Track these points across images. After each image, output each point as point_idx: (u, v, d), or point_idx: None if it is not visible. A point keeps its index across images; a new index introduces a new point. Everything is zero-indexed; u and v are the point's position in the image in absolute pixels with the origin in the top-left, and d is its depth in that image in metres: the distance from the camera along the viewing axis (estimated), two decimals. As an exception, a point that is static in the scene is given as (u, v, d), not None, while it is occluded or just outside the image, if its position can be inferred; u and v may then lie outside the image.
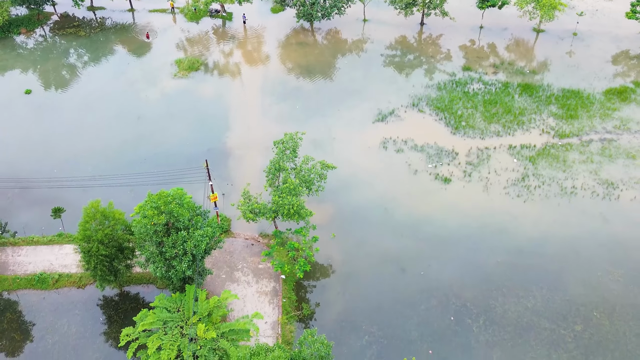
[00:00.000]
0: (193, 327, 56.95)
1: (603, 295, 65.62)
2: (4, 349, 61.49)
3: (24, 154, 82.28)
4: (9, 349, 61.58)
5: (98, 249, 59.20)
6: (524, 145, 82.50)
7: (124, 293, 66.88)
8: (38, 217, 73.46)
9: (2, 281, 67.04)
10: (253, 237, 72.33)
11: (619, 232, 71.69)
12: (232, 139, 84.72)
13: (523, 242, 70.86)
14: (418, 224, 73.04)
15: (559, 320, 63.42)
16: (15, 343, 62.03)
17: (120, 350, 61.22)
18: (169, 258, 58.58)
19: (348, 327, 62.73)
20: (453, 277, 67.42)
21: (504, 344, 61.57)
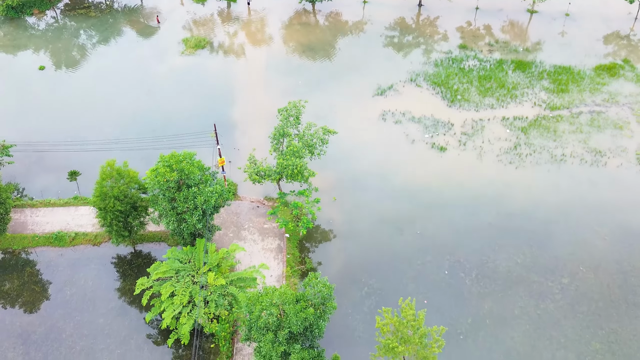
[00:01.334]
0: (203, 276, 60.95)
1: (589, 252, 69.59)
2: (25, 301, 65.49)
3: (39, 123, 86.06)
4: (30, 299, 65.60)
5: (114, 205, 63.12)
6: (517, 117, 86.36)
7: (137, 251, 70.86)
8: (54, 181, 77.41)
9: (22, 239, 71.03)
10: (258, 200, 76.28)
11: (606, 196, 75.64)
12: (238, 111, 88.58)
13: (514, 205, 74.80)
14: (415, 189, 76.94)
15: (547, 274, 67.42)
16: (36, 295, 66.07)
17: (134, 301, 65.24)
18: (181, 212, 62.62)
19: (348, 280, 66.69)
20: (448, 237, 71.38)
21: (494, 294, 65.59)
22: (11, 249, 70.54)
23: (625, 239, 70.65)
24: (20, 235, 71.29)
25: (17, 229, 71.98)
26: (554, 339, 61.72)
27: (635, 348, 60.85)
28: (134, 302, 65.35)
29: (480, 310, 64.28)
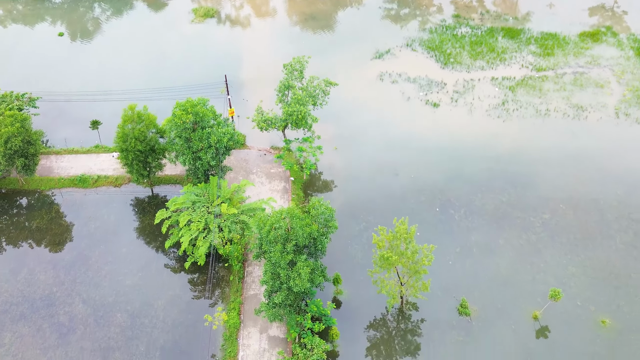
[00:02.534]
0: (217, 207, 67.34)
1: (569, 193, 75.98)
2: (54, 233, 71.91)
3: (61, 79, 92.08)
4: (58, 232, 72.02)
5: (135, 145, 69.50)
6: (505, 77, 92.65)
7: (154, 193, 77.20)
8: (77, 132, 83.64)
9: (49, 181, 77.44)
10: (265, 149, 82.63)
11: (586, 145, 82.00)
12: (245, 72, 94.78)
13: (501, 152, 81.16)
14: (410, 140, 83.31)
15: (530, 210, 73.85)
16: (63, 228, 72.52)
17: (154, 233, 71.66)
18: (196, 151, 69.04)
19: (348, 216, 73.02)
20: (439, 180, 77.78)
21: (481, 228, 72.02)
22: (39, 189, 76.96)
23: (603, 182, 77.00)
24: (47, 178, 77.73)
25: (43, 173, 78.37)
26: (534, 265, 68.14)
27: (607, 272, 67.25)
28: (153, 234, 71.78)
29: (468, 242, 70.73)
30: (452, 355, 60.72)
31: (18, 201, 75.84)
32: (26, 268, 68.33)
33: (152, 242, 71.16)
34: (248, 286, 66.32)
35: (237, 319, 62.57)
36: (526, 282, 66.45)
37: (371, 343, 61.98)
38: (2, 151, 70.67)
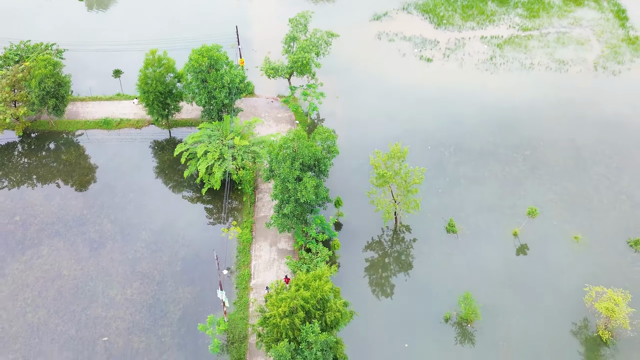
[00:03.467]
0: (231, 140, 74.94)
1: (549, 133, 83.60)
2: (82, 166, 79.52)
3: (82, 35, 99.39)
4: (86, 165, 79.65)
5: (155, 87, 77.07)
6: (494, 36, 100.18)
7: (172, 136, 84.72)
8: (100, 82, 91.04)
9: (76, 123, 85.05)
10: (272, 97, 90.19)
11: (566, 93, 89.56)
12: (253, 33, 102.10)
13: (488, 100, 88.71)
14: (405, 89, 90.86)
15: (513, 148, 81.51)
16: (90, 162, 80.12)
17: (173, 166, 79.28)
18: (211, 90, 76.60)
19: (348, 154, 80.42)
20: (431, 124, 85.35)
21: (468, 162, 79.67)
22: (67, 130, 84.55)
23: (580, 124, 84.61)
24: (74, 121, 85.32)
25: (71, 117, 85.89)
26: (516, 192, 75.79)
27: (581, 198, 74.91)
28: (172, 167, 79.43)
29: (456, 174, 78.37)
30: (440, 265, 68.35)
31: (49, 140, 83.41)
32: (58, 195, 75.98)
33: (172, 174, 78.79)
34: (258, 210, 73.96)
35: (250, 235, 70.28)
36: (508, 207, 74.12)
37: (368, 255, 69.64)
38: (36, 92, 78.22)
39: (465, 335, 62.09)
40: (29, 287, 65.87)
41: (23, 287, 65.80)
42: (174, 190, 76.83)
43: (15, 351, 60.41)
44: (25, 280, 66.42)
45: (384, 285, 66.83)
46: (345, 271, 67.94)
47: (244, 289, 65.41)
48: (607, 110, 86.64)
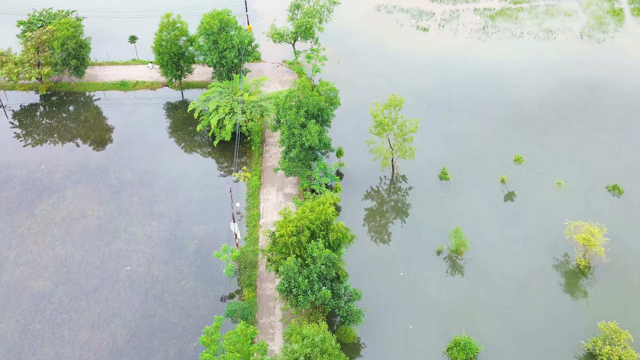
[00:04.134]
0: (240, 96, 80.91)
1: (536, 94, 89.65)
2: (101, 123, 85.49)
3: (101, 8, 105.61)
4: (105, 122, 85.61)
5: (170, 48, 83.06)
6: (486, 8, 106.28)
7: (184, 98, 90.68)
8: (115, 49, 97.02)
9: (95, 85, 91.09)
10: (278, 62, 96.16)
11: (553, 59, 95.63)
12: (259, 4, 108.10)
13: (480, 65, 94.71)
14: (402, 56, 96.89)
15: (502, 107, 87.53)
16: (109, 119, 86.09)
17: (187, 123, 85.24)
18: (222, 51, 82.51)
19: (348, 111, 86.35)
20: (427, 86, 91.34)
21: (460, 121, 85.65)
22: (87, 91, 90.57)
23: (565, 86, 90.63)
24: (93, 83, 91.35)
25: (90, 79, 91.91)
26: (505, 145, 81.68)
27: (564, 149, 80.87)
28: (185, 124, 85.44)
29: (449, 130, 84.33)
30: (433, 207, 74.23)
31: (70, 100, 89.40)
32: (81, 148, 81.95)
33: (185, 129, 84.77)
34: (266, 160, 79.95)
35: (258, 181, 76.28)
36: (496, 157, 79.99)
37: (367, 199, 75.61)
38: (59, 52, 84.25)
39: (455, 266, 68.02)
40: (56, 225, 71.88)
41: (51, 225, 71.80)
42: (187, 144, 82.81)
43: (46, 278, 66.41)
44: (53, 219, 72.43)
45: (381, 224, 72.77)
46: (346, 214, 73.78)
47: (253, 226, 71.38)
48: (590, 74, 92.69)
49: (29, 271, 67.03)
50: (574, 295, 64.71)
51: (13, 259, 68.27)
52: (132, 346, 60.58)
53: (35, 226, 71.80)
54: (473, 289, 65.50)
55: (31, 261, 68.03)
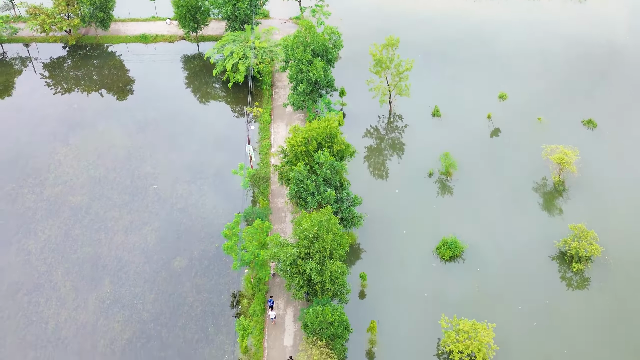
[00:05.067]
0: (252, 43, 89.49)
1: (522, 46, 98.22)
2: (126, 71, 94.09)
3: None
4: (129, 70, 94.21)
5: (188, 1, 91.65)
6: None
7: (200, 51, 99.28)
8: (137, 6, 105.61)
9: (118, 38, 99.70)
10: (285, 19, 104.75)
11: (538, 17, 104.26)
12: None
13: (471, 22, 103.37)
14: (401, 14, 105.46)
15: (491, 58, 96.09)
16: (133, 68, 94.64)
17: (202, 71, 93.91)
18: (235, 3, 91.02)
19: (350, 61, 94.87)
20: (422, 38, 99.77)
21: (452, 67, 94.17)
22: (111, 43, 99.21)
23: (548, 39, 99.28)
24: (117, 36, 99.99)
25: (113, 33, 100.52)
26: (491, 87, 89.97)
27: (546, 89, 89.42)
28: (202, 72, 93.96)
29: (442, 76, 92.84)
30: (425, 138, 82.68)
31: (96, 52, 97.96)
32: (108, 92, 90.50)
33: (202, 76, 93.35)
34: (275, 100, 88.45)
35: (269, 117, 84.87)
36: (484, 95, 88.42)
37: (367, 133, 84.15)
38: (87, 5, 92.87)
39: (445, 186, 76.54)
40: (89, 152, 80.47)
41: (85, 152, 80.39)
42: (204, 88, 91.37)
43: (82, 194, 75.03)
44: (86, 148, 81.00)
45: (379, 154, 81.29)
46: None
47: (265, 154, 79.92)
48: (571, 29, 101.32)
49: (67, 189, 75.68)
50: (549, 206, 73.35)
51: (52, 179, 76.92)
52: (161, 247, 69.27)
53: (70, 153, 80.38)
54: (460, 202, 74.14)
55: (68, 181, 76.69)
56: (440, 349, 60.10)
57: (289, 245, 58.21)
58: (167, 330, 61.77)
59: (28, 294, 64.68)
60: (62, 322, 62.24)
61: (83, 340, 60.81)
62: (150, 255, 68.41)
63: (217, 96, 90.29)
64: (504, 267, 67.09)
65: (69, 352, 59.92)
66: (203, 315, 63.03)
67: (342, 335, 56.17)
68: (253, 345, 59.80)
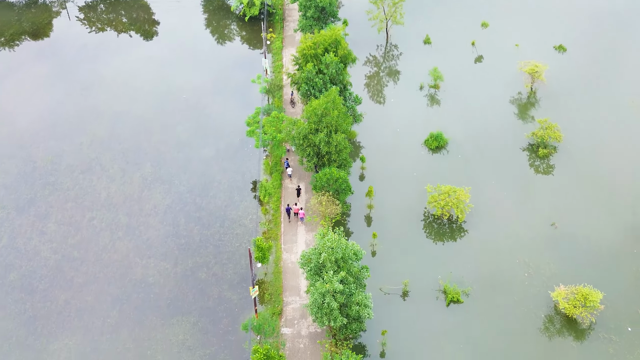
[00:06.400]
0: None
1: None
2: (151, 13, 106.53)
3: None
4: (154, 14, 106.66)
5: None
6: None
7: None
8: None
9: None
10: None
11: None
12: None
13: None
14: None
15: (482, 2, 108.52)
16: (157, 12, 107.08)
17: (220, 10, 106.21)
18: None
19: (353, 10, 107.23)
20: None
21: (444, 5, 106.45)
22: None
23: None
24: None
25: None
26: (476, 16, 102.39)
27: (522, 20, 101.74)
28: (221, 10, 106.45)
29: (432, 10, 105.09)
30: (418, 61, 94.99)
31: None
32: (136, 29, 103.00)
33: (220, 13, 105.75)
34: (286, 32, 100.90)
35: (281, 44, 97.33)
36: (469, 27, 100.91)
37: (367, 60, 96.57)
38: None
39: (434, 97, 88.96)
40: (122, 73, 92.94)
41: (120, 73, 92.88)
42: (223, 21, 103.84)
43: (122, 104, 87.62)
44: (119, 69, 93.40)
45: (376, 73, 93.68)
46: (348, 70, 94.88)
47: (278, 72, 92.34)
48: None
49: (111, 97, 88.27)
50: (522, 110, 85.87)
51: (96, 89, 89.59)
52: (191, 140, 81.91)
53: (107, 74, 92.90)
54: (446, 106, 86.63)
55: (110, 91, 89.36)
56: (427, 211, 72.73)
57: (301, 122, 70.83)
58: (200, 198, 74.50)
59: (82, 173, 77.41)
60: (112, 192, 75.00)
61: (130, 205, 73.58)
62: (182, 147, 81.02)
63: (235, 28, 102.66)
64: (481, 155, 79.59)
65: (119, 213, 72.69)
66: (229, 189, 75.74)
67: (345, 191, 68.77)
68: (272, 208, 72.44)
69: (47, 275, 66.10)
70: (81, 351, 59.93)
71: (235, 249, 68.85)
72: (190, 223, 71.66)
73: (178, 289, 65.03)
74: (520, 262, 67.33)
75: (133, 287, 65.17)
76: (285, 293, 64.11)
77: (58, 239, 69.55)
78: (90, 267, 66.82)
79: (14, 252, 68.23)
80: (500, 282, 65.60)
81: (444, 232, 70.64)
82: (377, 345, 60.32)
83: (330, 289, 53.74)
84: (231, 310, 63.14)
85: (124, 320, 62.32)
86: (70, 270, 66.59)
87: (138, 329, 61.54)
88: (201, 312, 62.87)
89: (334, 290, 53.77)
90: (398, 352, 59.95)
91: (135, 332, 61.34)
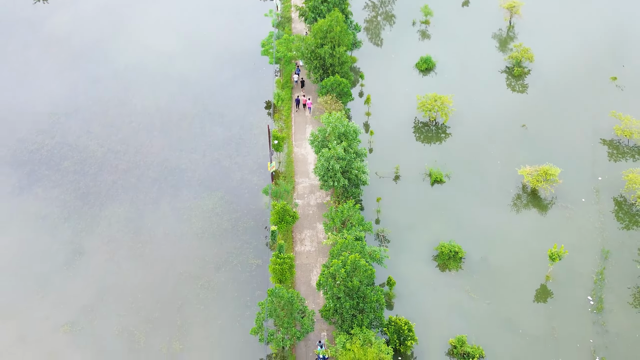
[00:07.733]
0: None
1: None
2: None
3: None
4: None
5: None
6: None
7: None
8: None
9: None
10: None
11: None
12: None
13: None
14: None
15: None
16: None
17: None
18: None
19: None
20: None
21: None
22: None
23: None
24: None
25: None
26: None
27: None
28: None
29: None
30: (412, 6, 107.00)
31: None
32: None
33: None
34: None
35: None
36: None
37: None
38: None
39: (425, 33, 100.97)
40: (151, 26, 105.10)
41: (148, 25, 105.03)
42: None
43: (143, 55, 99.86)
44: (147, 21, 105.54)
45: (373, 17, 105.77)
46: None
47: (287, 11, 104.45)
48: None
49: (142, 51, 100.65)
50: (502, 40, 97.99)
51: (119, 47, 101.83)
52: (211, 66, 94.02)
53: (136, 28, 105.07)
54: (434, 38, 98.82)
55: (135, 51, 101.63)
56: (417, 119, 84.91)
57: (309, 38, 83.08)
58: (222, 107, 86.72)
59: (119, 92, 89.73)
60: (146, 105, 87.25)
61: (161, 115, 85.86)
62: (204, 71, 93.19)
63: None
64: (464, 75, 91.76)
65: (153, 118, 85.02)
66: (247, 101, 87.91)
67: (347, 94, 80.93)
68: (283, 115, 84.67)
69: (95, 163, 78.47)
70: (128, 217, 72.31)
71: (253, 145, 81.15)
72: (214, 127, 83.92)
73: (207, 174, 77.37)
74: (494, 153, 79.59)
75: (169, 172, 77.54)
76: (296, 176, 76.39)
77: (103, 136, 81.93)
78: (131, 157, 79.22)
79: (66, 147, 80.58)
80: (476, 167, 77.88)
81: (430, 134, 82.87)
82: (373, 213, 72.64)
83: (334, 154, 66.02)
84: (252, 188, 75.47)
85: (163, 195, 74.71)
86: (115, 159, 78.96)
87: (174, 201, 73.93)
88: (227, 189, 75.22)
89: (337, 155, 66.04)
90: (390, 218, 72.19)
91: (172, 203, 73.75)
